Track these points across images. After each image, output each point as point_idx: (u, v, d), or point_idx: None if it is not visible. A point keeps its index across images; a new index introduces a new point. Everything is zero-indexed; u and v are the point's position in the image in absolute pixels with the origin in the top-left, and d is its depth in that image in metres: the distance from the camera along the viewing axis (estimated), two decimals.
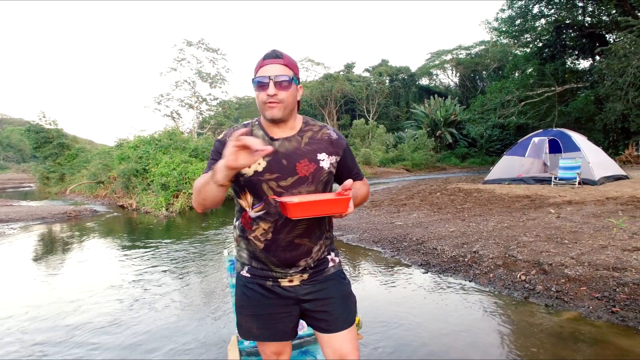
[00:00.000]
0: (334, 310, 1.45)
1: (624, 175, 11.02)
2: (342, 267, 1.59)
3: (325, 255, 1.50)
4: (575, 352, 2.55)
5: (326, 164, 1.42)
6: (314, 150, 1.40)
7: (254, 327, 1.47)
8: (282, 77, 1.32)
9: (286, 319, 1.46)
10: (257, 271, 1.46)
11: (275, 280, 1.44)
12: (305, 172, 1.36)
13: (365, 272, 4.64)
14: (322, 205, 1.22)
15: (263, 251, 1.40)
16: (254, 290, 1.46)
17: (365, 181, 1.59)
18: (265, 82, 1.32)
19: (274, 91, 1.31)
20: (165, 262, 5.45)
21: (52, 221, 9.97)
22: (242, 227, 1.44)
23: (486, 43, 35.53)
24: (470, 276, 4.10)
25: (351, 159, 1.52)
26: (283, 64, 1.34)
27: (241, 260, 1.51)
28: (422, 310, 3.42)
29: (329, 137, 1.45)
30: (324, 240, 1.48)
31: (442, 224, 6.48)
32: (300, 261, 1.42)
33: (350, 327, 1.48)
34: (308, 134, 1.43)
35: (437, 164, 28.86)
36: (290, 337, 1.51)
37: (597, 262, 3.78)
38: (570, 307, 3.14)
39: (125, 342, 3.03)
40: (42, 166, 23.05)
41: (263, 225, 1.38)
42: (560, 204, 7.35)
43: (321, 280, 1.47)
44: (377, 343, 2.81)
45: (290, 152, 1.37)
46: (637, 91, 15.76)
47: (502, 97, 22.50)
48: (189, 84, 24.13)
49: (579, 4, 20.73)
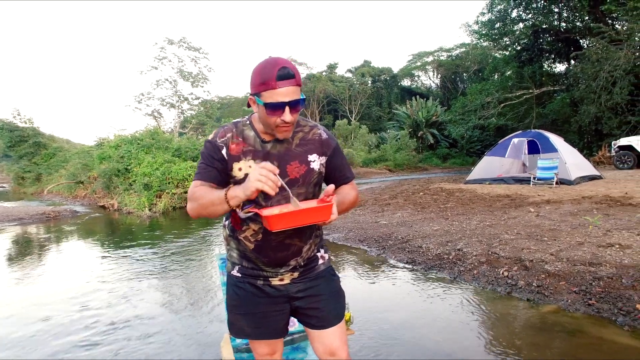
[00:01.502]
0: (324, 307, 1.48)
1: (598, 175, 11.44)
2: (331, 263, 1.61)
3: (315, 252, 1.52)
4: (555, 341, 2.68)
5: (316, 165, 1.41)
6: (305, 152, 1.40)
7: (246, 326, 1.48)
8: (297, 101, 1.25)
9: (277, 317, 1.48)
10: (247, 271, 1.47)
11: (266, 279, 1.45)
12: (296, 174, 1.37)
13: (352, 271, 4.72)
14: (303, 215, 1.20)
15: (253, 251, 1.41)
16: (245, 289, 1.47)
17: (354, 185, 1.55)
18: (281, 107, 1.24)
19: (291, 118, 1.26)
20: (151, 263, 5.40)
21: (29, 222, 9.72)
22: (232, 227, 1.45)
23: (467, 45, 36.21)
24: (455, 273, 4.22)
25: (341, 159, 1.49)
26: (296, 85, 1.25)
27: (232, 260, 1.51)
28: (409, 306, 3.52)
29: (319, 137, 1.44)
30: (313, 239, 1.49)
31: (426, 222, 6.62)
32: (291, 261, 1.43)
33: (340, 323, 1.51)
34: (299, 135, 1.41)
35: (419, 165, 29.26)
36: (281, 334, 1.52)
37: (575, 258, 3.95)
38: (551, 301, 3.28)
39: (114, 344, 3.01)
40: (17, 166, 22.40)
41: (253, 226, 1.38)
42: (540, 203, 7.60)
43: (312, 277, 1.49)
44: (367, 339, 2.87)
45: (282, 154, 1.37)
46: (609, 95, 16.36)
47: (482, 99, 23.03)
48: (170, 82, 23.76)
49: (555, 9, 21.38)
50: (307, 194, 1.41)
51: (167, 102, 24.16)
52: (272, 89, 1.22)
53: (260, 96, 1.26)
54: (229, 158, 1.36)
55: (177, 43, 23.22)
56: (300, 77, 1.31)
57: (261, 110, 1.28)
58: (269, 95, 1.23)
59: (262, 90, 1.24)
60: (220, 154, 1.36)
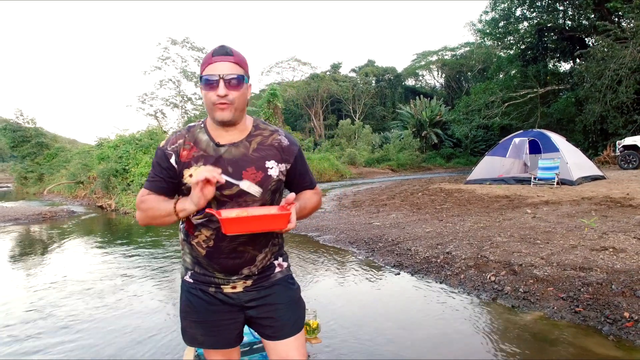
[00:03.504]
0: (280, 317, 1.41)
1: (600, 176, 11.21)
2: (291, 271, 1.53)
3: (272, 261, 1.45)
4: (534, 352, 2.54)
5: (275, 172, 1.34)
6: (262, 158, 1.33)
7: (199, 334, 1.42)
8: (232, 75, 1.23)
9: (230, 325, 1.41)
10: (199, 277, 1.40)
11: (217, 286, 1.39)
12: (252, 181, 1.29)
13: (336, 274, 4.59)
14: (259, 220, 1.17)
15: (205, 257, 1.35)
16: (197, 296, 1.40)
17: (318, 189, 1.52)
18: (214, 80, 1.22)
19: (225, 91, 1.22)
20: (136, 265, 5.32)
21: (25, 222, 9.70)
22: (186, 232, 1.39)
23: (471, 44, 35.86)
24: (441, 277, 4.08)
25: (303, 166, 1.45)
26: (233, 62, 1.25)
27: (185, 265, 1.46)
28: (389, 312, 3.39)
29: (279, 143, 1.37)
30: (270, 248, 1.42)
31: (419, 224, 6.48)
32: (244, 269, 1.36)
33: (298, 334, 1.43)
34: (257, 139, 1.35)
35: (422, 164, 29.03)
36: (235, 344, 1.47)
37: (566, 262, 3.79)
38: (536, 308, 3.13)
39: (82, 345, 2.92)
40: (20, 166, 22.54)
41: (205, 232, 1.32)
42: (538, 204, 7.42)
43: (266, 286, 1.42)
44: (339, 345, 2.75)
45: (237, 158, 1.30)
46: (614, 94, 16.08)
47: (486, 98, 22.77)
48: (173, 82, 23.87)
49: (560, 7, 21.09)
50: (265, 201, 1.34)
51: (170, 102, 24.25)
52: (208, 64, 1.24)
53: (202, 78, 1.26)
54: (178, 165, 1.31)
55: (181, 43, 23.32)
56: (246, 62, 1.30)
57: (203, 93, 1.26)
58: (205, 71, 1.25)
59: (202, 72, 1.26)
60: (169, 162, 1.31)
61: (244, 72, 1.27)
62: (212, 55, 1.24)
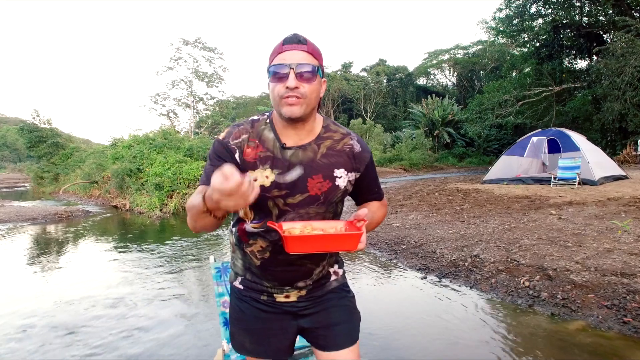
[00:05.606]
0: (334, 327, 1.30)
1: (623, 175, 10.91)
2: (346, 279, 1.42)
3: (328, 269, 1.34)
4: None
5: (343, 182, 1.20)
6: (331, 165, 1.18)
7: (247, 342, 1.32)
8: (305, 66, 1.08)
9: (281, 335, 1.31)
10: (251, 284, 1.30)
11: (270, 295, 1.29)
12: (317, 191, 1.16)
13: (361, 277, 4.48)
14: (327, 240, 1.03)
15: (259, 268, 1.25)
16: (248, 303, 1.31)
17: (385, 201, 1.39)
18: (284, 72, 1.07)
19: (295, 83, 1.06)
20: (153, 266, 5.26)
21: (42, 222, 9.76)
22: (239, 237, 1.27)
23: (484, 43, 35.36)
24: (471, 282, 3.94)
25: (373, 175, 1.30)
26: (307, 51, 1.09)
27: (235, 270, 1.35)
28: (421, 319, 3.26)
29: (351, 148, 1.22)
30: (327, 260, 1.31)
31: (440, 225, 6.33)
32: (299, 282, 1.26)
33: (353, 346, 1.31)
34: (327, 143, 1.19)
35: (434, 164, 28.71)
36: (285, 354, 1.35)
37: (604, 267, 3.62)
38: (578, 316, 2.98)
39: (104, 343, 2.85)
40: (36, 166, 22.80)
41: (261, 242, 1.21)
42: (561, 205, 7.21)
43: (321, 294, 1.32)
44: (372, 356, 2.64)
45: (304, 164, 1.16)
46: (634, 91, 15.65)
47: (499, 97, 22.36)
48: (185, 83, 23.93)
49: (576, 3, 20.62)
50: (327, 214, 1.21)
51: (182, 102, 24.34)
52: (277, 53, 1.10)
53: (269, 70, 1.11)
54: (243, 164, 1.15)
55: (192, 43, 23.36)
56: (321, 54, 1.15)
57: (270, 85, 1.11)
58: (274, 61, 1.10)
59: (271, 62, 1.11)
60: (233, 157, 1.15)
61: (319, 64, 1.13)
62: (283, 43, 1.10)
